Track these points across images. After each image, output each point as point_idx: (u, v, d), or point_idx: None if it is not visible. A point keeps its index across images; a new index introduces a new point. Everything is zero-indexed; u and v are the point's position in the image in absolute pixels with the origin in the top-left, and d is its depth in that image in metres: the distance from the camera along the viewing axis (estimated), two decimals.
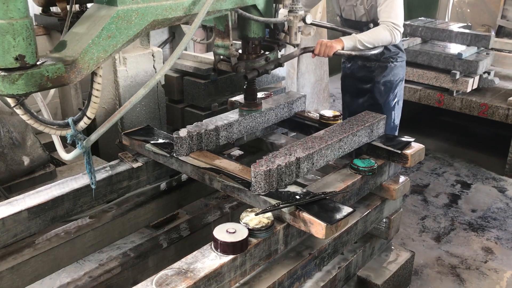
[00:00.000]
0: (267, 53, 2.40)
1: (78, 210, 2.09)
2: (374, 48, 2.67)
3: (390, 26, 2.69)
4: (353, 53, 2.63)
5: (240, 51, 2.39)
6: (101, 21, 1.60)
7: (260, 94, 2.89)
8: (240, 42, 2.43)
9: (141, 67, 3.24)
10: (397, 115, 3.21)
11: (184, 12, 1.84)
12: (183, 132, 2.17)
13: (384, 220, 2.48)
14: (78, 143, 1.81)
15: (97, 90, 1.71)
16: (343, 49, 2.58)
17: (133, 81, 3.19)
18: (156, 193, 2.44)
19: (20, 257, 1.92)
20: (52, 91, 3.30)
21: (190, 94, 3.46)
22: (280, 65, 2.42)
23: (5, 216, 1.85)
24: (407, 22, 5.01)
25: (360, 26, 2.94)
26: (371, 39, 2.66)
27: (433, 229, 3.46)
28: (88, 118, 1.75)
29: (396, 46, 3.02)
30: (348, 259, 2.32)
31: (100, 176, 2.17)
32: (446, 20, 7.06)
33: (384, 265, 2.56)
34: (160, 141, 2.31)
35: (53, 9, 4.00)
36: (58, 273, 2.07)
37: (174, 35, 4.16)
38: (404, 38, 4.84)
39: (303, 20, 2.29)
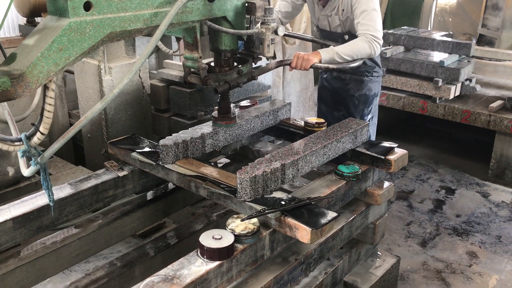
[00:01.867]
0: (240, 66, 2.34)
1: (64, 219, 2.09)
2: (354, 60, 2.62)
3: (369, 38, 2.64)
4: (331, 66, 2.58)
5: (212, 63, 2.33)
6: (52, 33, 1.53)
7: (245, 102, 2.91)
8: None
9: None
10: (372, 132, 3.16)
11: (145, 24, 1.76)
12: (168, 140, 2.17)
13: (370, 225, 2.51)
14: (32, 160, 1.72)
15: (50, 104, 1.61)
16: (320, 62, 2.54)
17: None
18: (143, 201, 2.44)
19: (5, 267, 1.90)
20: (36, 100, 3.28)
21: (176, 103, 3.47)
22: (254, 78, 2.36)
23: None
24: (390, 31, 5.09)
25: (335, 37, 2.93)
26: (349, 51, 2.61)
27: (419, 234, 3.50)
28: (42, 133, 1.66)
29: (372, 60, 3.00)
30: (335, 265, 2.34)
31: (86, 185, 2.16)
32: (429, 29, 7.18)
33: (371, 270, 2.58)
34: (146, 149, 2.32)
35: (38, 19, 4.01)
36: (44, 284, 2.06)
37: None
38: (387, 47, 4.91)
39: (275, 32, 2.23)
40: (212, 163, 2.48)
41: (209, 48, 2.29)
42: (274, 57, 2.62)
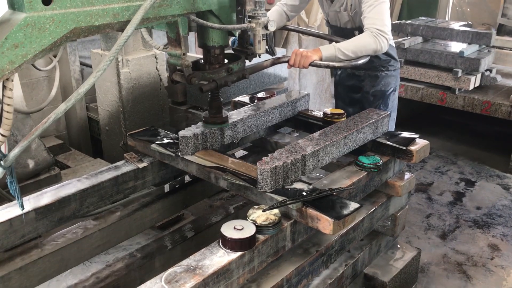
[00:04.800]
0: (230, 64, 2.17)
1: (85, 210, 2.10)
2: (359, 58, 2.45)
3: (374, 33, 2.47)
4: (331, 64, 2.41)
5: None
6: (6, 29, 1.40)
7: (261, 94, 2.90)
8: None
9: (144, 69, 3.25)
10: (391, 128, 2.94)
11: (115, 18, 1.62)
12: (187, 132, 2.16)
13: (390, 217, 2.48)
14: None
15: (9, 105, 1.50)
16: (321, 59, 2.39)
17: (137, 83, 3.20)
18: (162, 193, 2.44)
19: (28, 257, 1.92)
20: (53, 93, 3.30)
21: (193, 96, 3.47)
22: (245, 77, 2.20)
23: (13, 217, 1.85)
24: (408, 22, 5.02)
25: (346, 33, 2.79)
26: (352, 47, 2.44)
27: (438, 226, 3.45)
28: (3, 135, 1.54)
29: (387, 53, 2.84)
30: (355, 257, 2.32)
31: (106, 176, 2.17)
32: (446, 19, 7.07)
33: (391, 262, 2.55)
34: (165, 141, 2.31)
35: None
36: (65, 274, 2.07)
37: None
38: (405, 38, 4.85)
39: (265, 27, 2.07)
40: (231, 155, 2.47)
41: (198, 44, 2.14)
42: (273, 53, 2.50)
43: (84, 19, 1.54)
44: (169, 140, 2.32)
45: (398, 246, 2.67)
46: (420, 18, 5.38)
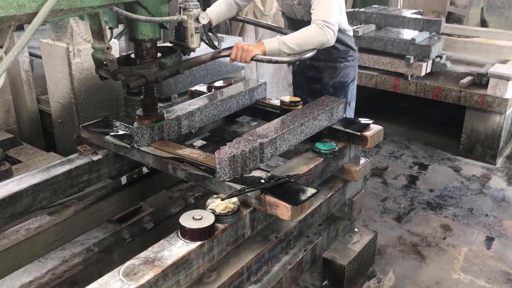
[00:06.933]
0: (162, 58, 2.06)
1: (38, 205, 2.03)
2: (305, 52, 2.39)
3: (320, 24, 2.40)
4: (273, 59, 2.33)
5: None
6: None
7: (219, 83, 2.88)
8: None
9: None
10: (350, 116, 3.03)
11: (20, 10, 1.46)
12: None
13: (347, 201, 2.53)
14: None
15: None
16: (264, 53, 2.32)
17: (89, 73, 3.12)
18: (118, 186, 2.40)
19: None
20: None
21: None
22: (178, 72, 2.10)
23: None
24: (362, 10, 5.10)
25: (303, 25, 2.65)
26: (297, 40, 2.37)
27: (394, 209, 3.56)
28: None
29: (345, 44, 2.85)
30: (314, 242, 2.36)
31: (59, 170, 2.11)
32: (399, 7, 7.23)
33: (349, 246, 2.61)
34: (120, 132, 2.27)
35: None
36: (19, 272, 2.01)
37: None
38: (359, 25, 4.92)
39: (197, 19, 1.99)
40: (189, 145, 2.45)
41: (127, 37, 2.04)
42: (215, 47, 2.38)
43: None
44: (124, 132, 2.27)
45: (356, 230, 2.74)
46: (373, 6, 5.48)
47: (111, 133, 2.25)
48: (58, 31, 3.13)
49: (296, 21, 2.83)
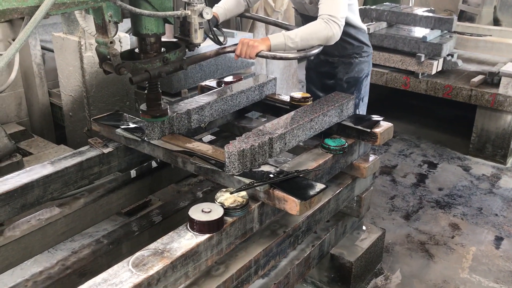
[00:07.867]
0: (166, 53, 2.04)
1: (49, 197, 2.05)
2: (311, 48, 2.35)
3: (325, 19, 2.36)
4: (278, 55, 2.30)
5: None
6: None
7: (229, 78, 2.88)
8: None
9: None
10: (362, 112, 3.05)
11: (23, 3, 1.46)
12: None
13: (356, 198, 2.53)
14: None
15: None
16: (269, 48, 2.29)
17: None
18: (128, 179, 2.42)
19: None
20: (12, 76, 3.21)
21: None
22: (182, 67, 2.08)
23: None
24: (373, 7, 5.08)
25: None
26: (302, 34, 2.33)
27: (402, 207, 3.55)
28: None
29: (359, 40, 2.85)
30: (322, 238, 2.36)
31: (70, 162, 2.12)
32: (410, 5, 7.18)
33: (356, 243, 2.61)
34: (131, 125, 2.28)
35: None
36: (30, 262, 2.03)
37: None
38: (370, 23, 4.90)
39: (201, 15, 1.96)
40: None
41: (132, 32, 2.02)
42: (220, 42, 2.38)
43: None
44: (134, 125, 2.29)
45: (364, 227, 2.74)
46: (384, 3, 5.45)
47: (122, 126, 2.26)
48: (70, 24, 3.15)
49: (310, 17, 2.78)
